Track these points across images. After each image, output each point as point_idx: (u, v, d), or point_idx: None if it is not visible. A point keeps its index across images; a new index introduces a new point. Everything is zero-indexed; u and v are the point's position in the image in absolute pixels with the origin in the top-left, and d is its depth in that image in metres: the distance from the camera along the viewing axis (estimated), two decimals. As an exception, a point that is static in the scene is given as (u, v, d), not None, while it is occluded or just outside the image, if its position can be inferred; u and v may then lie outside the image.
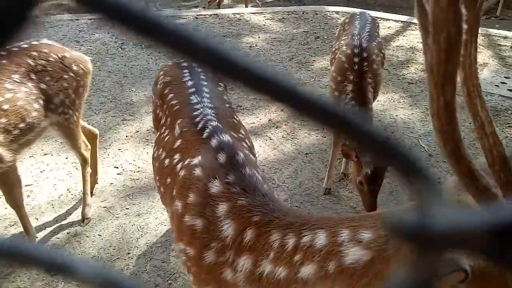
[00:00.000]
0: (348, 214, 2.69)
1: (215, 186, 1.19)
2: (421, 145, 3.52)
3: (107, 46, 5.53)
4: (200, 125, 1.45)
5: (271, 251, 1.03)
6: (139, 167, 3.18)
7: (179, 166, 1.37)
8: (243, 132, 1.64)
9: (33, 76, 2.21)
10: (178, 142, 1.47)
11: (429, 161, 3.32)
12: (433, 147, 3.49)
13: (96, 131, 2.93)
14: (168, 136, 1.58)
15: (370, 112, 2.71)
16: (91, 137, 2.84)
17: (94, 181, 2.90)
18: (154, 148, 1.71)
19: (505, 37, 6.17)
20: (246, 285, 1.07)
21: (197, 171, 1.26)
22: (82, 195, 2.71)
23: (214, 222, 1.14)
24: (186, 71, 1.85)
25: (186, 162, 1.34)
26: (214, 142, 1.34)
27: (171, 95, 1.77)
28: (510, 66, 5.19)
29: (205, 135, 1.40)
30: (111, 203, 2.83)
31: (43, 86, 2.24)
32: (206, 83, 1.77)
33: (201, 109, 1.56)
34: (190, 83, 1.76)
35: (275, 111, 4.04)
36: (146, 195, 2.90)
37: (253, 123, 3.84)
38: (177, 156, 1.42)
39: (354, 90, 2.65)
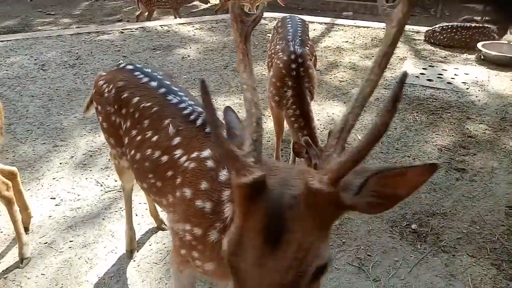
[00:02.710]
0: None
1: (223, 175, 1.36)
2: (358, 139, 3.70)
3: (26, 69, 5.11)
4: (198, 122, 1.57)
5: None
6: (78, 195, 2.97)
7: (183, 159, 1.49)
8: None
9: None
10: (177, 140, 1.56)
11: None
12: (370, 140, 3.70)
13: (15, 169, 2.61)
14: (156, 136, 1.63)
15: (310, 113, 2.80)
16: (11, 177, 2.54)
17: (27, 217, 2.64)
18: (131, 151, 1.73)
19: (418, 32, 6.76)
20: None
21: (209, 163, 1.41)
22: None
23: (219, 205, 1.31)
24: (137, 73, 1.88)
25: (194, 156, 1.46)
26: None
27: (137, 98, 1.77)
28: (425, 58, 5.69)
29: (208, 129, 1.52)
30: (52, 237, 2.60)
31: None
32: (168, 82, 1.83)
33: (190, 107, 1.65)
34: (154, 84, 1.80)
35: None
36: (91, 224, 2.70)
37: (196, 134, 3.77)
38: (178, 152, 1.52)
39: (293, 95, 2.77)
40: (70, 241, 2.57)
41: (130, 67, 1.96)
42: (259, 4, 8.75)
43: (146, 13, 8.58)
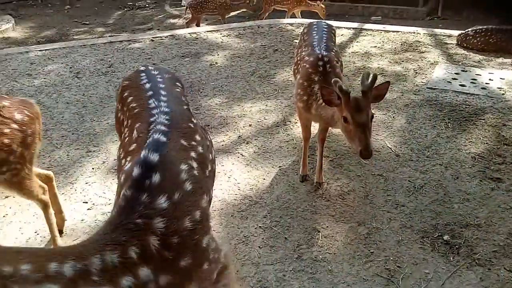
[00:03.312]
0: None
1: (122, 195, 1.29)
2: (388, 146, 3.63)
3: (62, 76, 5.33)
4: (149, 134, 1.53)
5: None
6: (109, 200, 3.06)
7: (127, 167, 1.49)
8: (197, 138, 1.69)
9: None
10: (133, 146, 1.58)
11: (397, 161, 3.43)
12: (399, 147, 3.61)
13: (51, 173, 2.72)
14: (127, 138, 1.70)
15: None
16: (47, 181, 2.64)
17: (61, 221, 2.74)
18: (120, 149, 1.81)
19: (450, 36, 6.56)
20: None
21: (122, 178, 1.45)
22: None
23: None
24: (143, 74, 1.94)
25: (127, 166, 1.48)
26: (142, 154, 1.37)
27: (130, 98, 1.85)
28: (458, 62, 5.51)
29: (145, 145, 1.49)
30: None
31: None
32: (163, 86, 1.84)
33: (157, 115, 1.63)
34: (147, 85, 1.84)
35: (243, 126, 4.04)
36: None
37: (223, 141, 3.81)
38: (128, 159, 1.55)
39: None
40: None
41: (142, 68, 2.05)
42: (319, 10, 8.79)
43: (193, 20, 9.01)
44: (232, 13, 9.77)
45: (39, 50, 6.38)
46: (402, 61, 5.59)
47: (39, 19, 10.76)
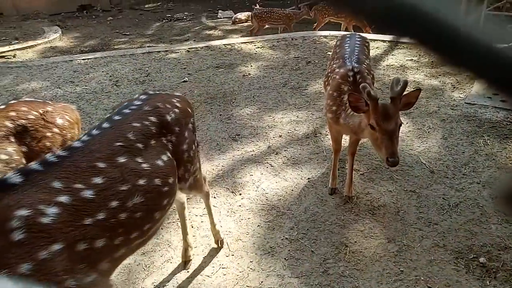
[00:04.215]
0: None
1: None
2: (422, 162, 3.52)
3: (102, 84, 5.58)
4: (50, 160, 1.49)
5: None
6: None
7: None
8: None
9: (12, 139, 2.04)
10: None
11: (432, 178, 3.32)
12: (434, 163, 3.49)
13: None
14: None
15: None
16: None
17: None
18: None
19: (491, 50, 6.32)
20: None
21: None
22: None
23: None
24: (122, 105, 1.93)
25: None
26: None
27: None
28: (499, 77, 5.28)
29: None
30: (115, 243, 2.78)
31: (24, 149, 2.07)
32: (118, 118, 1.77)
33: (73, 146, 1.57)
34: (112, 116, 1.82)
35: (273, 137, 4.05)
36: (150, 232, 2.84)
37: (253, 150, 3.83)
38: None
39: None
40: (131, 247, 2.72)
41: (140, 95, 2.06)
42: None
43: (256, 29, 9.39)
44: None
45: (82, 59, 6.73)
46: (439, 75, 5.43)
47: (84, 29, 11.35)
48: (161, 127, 1.84)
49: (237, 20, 11.61)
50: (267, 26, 9.52)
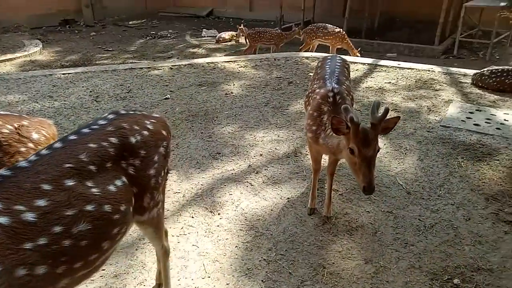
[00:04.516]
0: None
1: None
2: (399, 183, 3.58)
3: (82, 100, 5.51)
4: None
5: None
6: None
7: None
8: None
9: None
10: None
11: (408, 198, 3.37)
12: (411, 184, 3.56)
13: None
14: None
15: None
16: None
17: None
18: None
19: (465, 75, 6.58)
20: None
21: None
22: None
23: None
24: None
25: None
26: None
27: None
28: (473, 101, 5.49)
29: None
30: (88, 263, 2.69)
31: None
32: (74, 137, 1.69)
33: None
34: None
35: (254, 156, 4.06)
36: (124, 254, 2.77)
37: (233, 169, 3.83)
38: None
39: (330, 117, 2.71)
40: (102, 270, 2.63)
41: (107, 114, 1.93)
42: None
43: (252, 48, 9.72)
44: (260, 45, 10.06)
45: (62, 74, 6.64)
46: (416, 98, 5.60)
47: (66, 44, 11.25)
48: (122, 149, 1.72)
49: (221, 39, 11.76)
50: (259, 45, 9.78)
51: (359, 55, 8.81)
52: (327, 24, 9.11)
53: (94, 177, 1.58)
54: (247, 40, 9.80)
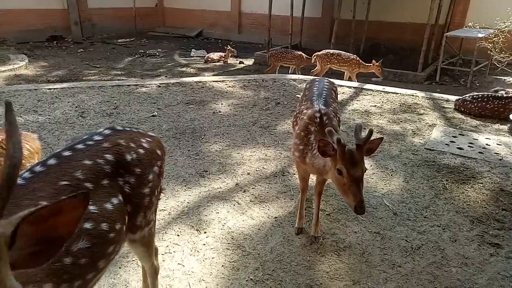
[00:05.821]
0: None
1: None
2: (385, 204, 3.60)
3: (67, 115, 5.43)
4: None
5: None
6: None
7: None
8: None
9: None
10: None
11: (395, 219, 3.38)
12: (397, 206, 3.58)
13: None
14: None
15: None
16: None
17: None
18: None
19: (447, 100, 6.77)
20: None
21: None
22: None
23: None
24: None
25: None
26: None
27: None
28: (456, 126, 5.63)
29: None
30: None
31: None
32: (68, 154, 1.64)
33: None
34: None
35: (241, 174, 4.03)
36: (107, 272, 2.65)
37: (220, 187, 3.79)
38: None
39: (317, 137, 2.74)
40: None
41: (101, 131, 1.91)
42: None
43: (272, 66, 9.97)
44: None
45: (48, 89, 6.56)
46: (401, 121, 5.71)
47: (52, 59, 11.17)
48: (118, 166, 1.69)
49: (209, 59, 11.88)
50: (281, 65, 10.04)
51: (381, 76, 9.08)
52: (341, 51, 9.23)
53: (91, 194, 1.54)
54: (270, 60, 10.04)
